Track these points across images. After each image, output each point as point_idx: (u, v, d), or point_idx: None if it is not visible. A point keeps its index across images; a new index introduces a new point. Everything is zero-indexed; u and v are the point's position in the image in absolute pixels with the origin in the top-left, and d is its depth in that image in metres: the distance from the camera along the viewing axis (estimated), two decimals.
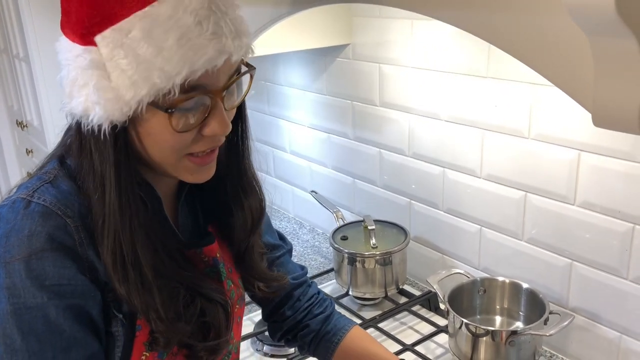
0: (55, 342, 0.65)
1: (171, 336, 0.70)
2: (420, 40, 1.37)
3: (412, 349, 1.23)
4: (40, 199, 0.66)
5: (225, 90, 0.67)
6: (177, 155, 0.68)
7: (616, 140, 1.06)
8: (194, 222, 0.83)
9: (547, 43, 0.70)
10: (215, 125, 0.67)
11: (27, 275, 0.63)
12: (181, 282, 0.72)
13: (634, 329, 1.11)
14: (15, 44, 2.56)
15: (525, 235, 1.26)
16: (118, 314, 0.70)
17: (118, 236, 0.67)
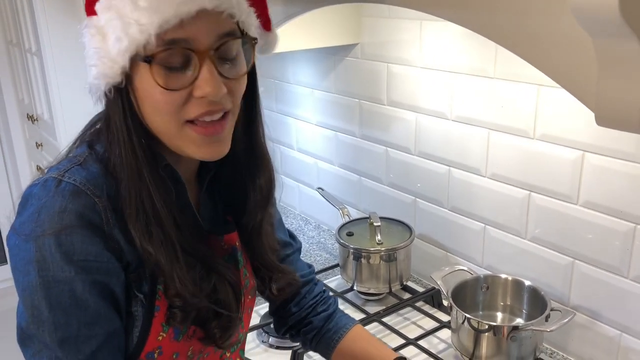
0: (80, 315, 0.68)
1: (188, 310, 0.73)
2: (429, 41, 1.39)
3: (415, 343, 1.25)
4: (70, 178, 0.69)
5: (214, 50, 0.67)
6: (175, 120, 0.69)
7: (620, 141, 1.08)
8: (214, 212, 0.86)
9: (551, 43, 0.72)
10: (204, 85, 0.67)
11: (56, 250, 0.66)
12: (198, 257, 0.75)
13: (634, 327, 1.13)
14: (28, 38, 2.59)
15: (529, 234, 1.28)
16: (139, 294, 0.73)
17: (140, 195, 0.70)
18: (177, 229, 0.72)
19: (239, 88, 0.72)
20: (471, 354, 1.16)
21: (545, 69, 0.75)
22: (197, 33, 0.66)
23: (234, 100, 0.72)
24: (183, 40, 0.66)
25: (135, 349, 0.74)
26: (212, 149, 0.72)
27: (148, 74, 0.67)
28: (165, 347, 0.75)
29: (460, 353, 1.19)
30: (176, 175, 0.75)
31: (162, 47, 0.65)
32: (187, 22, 0.65)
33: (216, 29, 0.67)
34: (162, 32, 0.64)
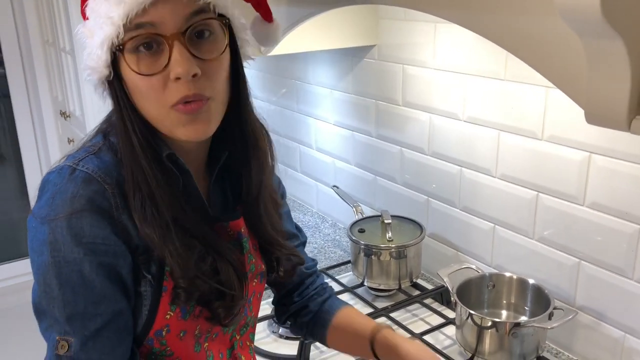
0: (87, 294, 0.73)
1: (191, 290, 0.77)
2: (443, 43, 1.42)
3: (420, 338, 1.28)
4: (84, 167, 0.74)
5: (183, 32, 0.71)
6: (161, 105, 0.73)
7: (626, 143, 1.09)
8: (224, 201, 0.90)
9: (545, 44, 0.75)
10: (175, 66, 0.70)
11: (67, 232, 0.71)
12: (200, 240, 0.79)
13: (638, 329, 1.14)
14: (63, 37, 2.69)
15: (536, 234, 1.29)
16: (147, 275, 0.77)
17: (136, 179, 0.75)
18: (175, 213, 0.76)
19: (216, 70, 0.75)
20: (474, 350, 1.18)
21: (540, 68, 0.78)
22: (162, 16, 0.70)
23: (213, 85, 0.74)
24: (148, 24, 0.70)
25: (145, 326, 0.79)
26: (197, 128, 0.75)
27: (125, 64, 0.72)
28: (172, 325, 0.80)
29: (464, 349, 1.21)
30: (180, 163, 0.79)
31: (130, 35, 0.71)
32: (150, 7, 0.70)
33: (181, 10, 0.71)
34: (129, 21, 0.70)
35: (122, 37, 0.71)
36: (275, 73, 2.14)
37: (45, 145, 3.38)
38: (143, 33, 0.71)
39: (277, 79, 2.14)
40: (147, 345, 0.80)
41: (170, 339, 0.81)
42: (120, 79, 0.75)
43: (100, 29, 0.72)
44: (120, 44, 0.71)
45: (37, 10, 3.05)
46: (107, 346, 0.74)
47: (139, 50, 0.72)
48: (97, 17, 0.72)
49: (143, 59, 0.72)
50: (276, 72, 2.13)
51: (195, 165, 0.84)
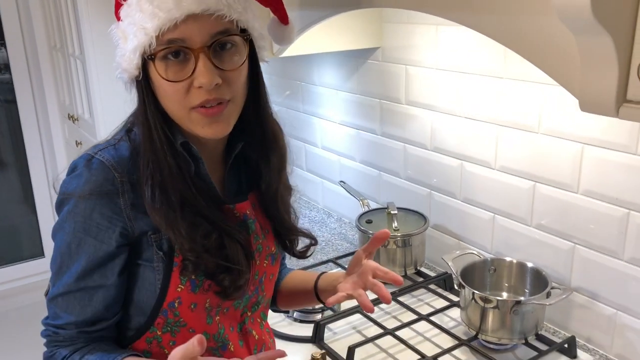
0: (70, 265, 0.87)
1: (197, 263, 0.86)
2: (444, 44, 1.52)
3: (427, 318, 1.37)
4: (101, 156, 0.86)
5: (208, 46, 0.81)
6: (183, 107, 0.83)
7: (616, 134, 1.18)
8: (238, 187, 0.99)
9: (543, 42, 0.84)
10: (200, 77, 0.80)
11: (72, 210, 0.85)
12: (207, 219, 0.87)
13: (628, 305, 1.23)
14: (72, 43, 2.77)
15: (534, 221, 1.39)
16: (159, 252, 0.87)
17: (149, 165, 0.85)
18: (184, 195, 0.86)
19: (236, 78, 0.84)
20: (478, 328, 1.27)
21: (538, 63, 0.87)
22: (190, 33, 0.80)
23: (233, 89, 0.84)
24: (179, 40, 0.80)
25: (159, 298, 0.89)
26: (214, 129, 0.85)
27: (155, 70, 0.82)
28: (183, 297, 0.89)
29: (468, 327, 1.30)
30: (193, 151, 0.89)
31: (161, 47, 0.80)
32: (181, 24, 0.79)
33: (208, 28, 0.81)
34: (161, 34, 0.79)
35: (154, 47, 0.81)
36: (282, 75, 2.23)
37: (51, 149, 3.44)
38: (173, 45, 0.81)
39: (283, 81, 2.23)
40: (162, 317, 0.90)
41: (183, 311, 0.89)
42: (147, 79, 0.85)
43: (134, 36, 0.81)
44: (152, 53, 0.81)
45: (44, 16, 3.13)
46: (68, 306, 0.88)
47: (168, 58, 0.82)
48: (131, 23, 0.82)
49: (171, 66, 0.82)
50: (282, 75, 2.22)
51: (213, 154, 0.94)
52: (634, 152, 1.16)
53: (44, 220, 3.69)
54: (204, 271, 0.88)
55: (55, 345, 0.89)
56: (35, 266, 3.76)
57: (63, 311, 0.88)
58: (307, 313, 1.42)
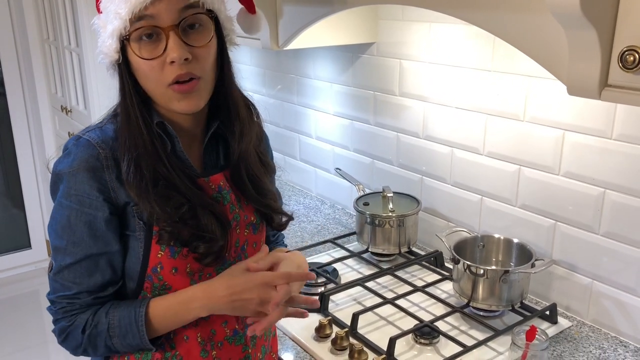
0: (69, 236, 0.95)
1: (172, 232, 0.95)
2: (436, 40, 1.65)
3: (422, 290, 1.49)
4: (88, 136, 0.96)
5: (177, 24, 0.89)
6: (159, 84, 0.92)
7: (592, 120, 1.33)
8: (216, 164, 1.07)
9: (536, 35, 0.97)
10: (171, 52, 0.89)
11: (65, 185, 0.94)
12: (178, 190, 0.96)
13: (603, 275, 1.37)
14: (67, 35, 2.82)
15: (519, 201, 1.53)
16: (140, 222, 0.96)
17: (126, 142, 0.94)
18: (158, 170, 0.94)
19: (204, 54, 0.93)
20: (470, 297, 1.40)
21: (531, 54, 1.00)
22: (159, 12, 0.89)
23: (202, 65, 0.93)
24: (149, 17, 0.89)
25: (142, 264, 0.98)
26: (189, 103, 0.94)
27: (131, 50, 0.91)
28: (164, 262, 0.97)
29: (460, 296, 1.43)
30: (169, 130, 0.98)
31: (134, 28, 0.90)
32: (149, 6, 0.89)
33: (175, 6, 0.90)
34: (133, 17, 0.89)
35: (129, 29, 0.91)
36: (276, 69, 2.34)
37: (40, 140, 3.48)
38: (145, 25, 0.89)
39: (278, 75, 2.33)
40: (148, 281, 0.99)
41: (165, 275, 0.98)
42: (127, 62, 0.95)
43: (110, 22, 0.91)
44: (127, 35, 0.91)
45: (36, 10, 3.17)
46: (77, 276, 0.96)
47: (142, 39, 0.91)
48: (108, 12, 0.92)
49: (145, 46, 0.91)
50: (277, 69, 2.33)
51: (190, 133, 1.03)
52: (609, 136, 1.30)
53: (32, 212, 3.72)
54: (179, 239, 0.96)
55: (70, 314, 0.97)
56: (22, 257, 3.79)
57: (72, 282, 0.96)
58: (311, 286, 1.54)
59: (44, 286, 3.70)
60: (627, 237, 1.31)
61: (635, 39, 0.85)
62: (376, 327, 1.39)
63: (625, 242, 1.32)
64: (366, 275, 1.58)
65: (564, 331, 1.38)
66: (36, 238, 3.79)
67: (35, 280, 3.70)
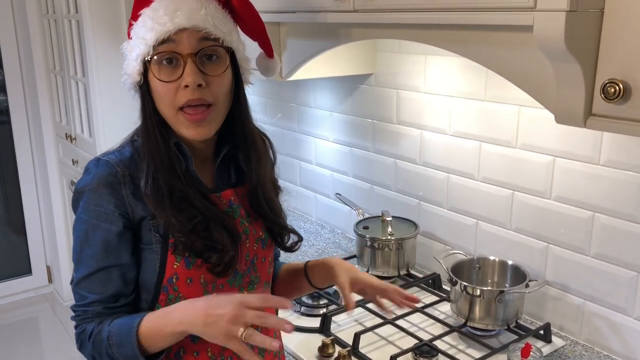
0: (86, 249, 1.03)
1: (185, 242, 1.01)
2: (432, 71, 1.73)
3: (421, 310, 1.54)
4: (107, 157, 1.04)
5: (195, 54, 0.98)
6: (171, 107, 1.00)
7: (581, 147, 1.40)
8: (227, 182, 1.15)
9: (525, 68, 1.05)
10: (186, 77, 0.97)
11: (85, 201, 1.02)
12: (194, 206, 1.02)
13: (594, 295, 1.43)
14: (74, 66, 2.91)
15: (513, 225, 1.59)
16: (157, 234, 1.03)
17: (147, 160, 1.02)
18: (173, 186, 1.01)
19: (218, 83, 1.01)
20: (467, 317, 1.45)
21: (521, 85, 1.07)
22: (181, 41, 0.98)
23: (214, 93, 1.00)
24: (171, 42, 0.98)
25: (159, 275, 1.04)
26: (198, 131, 1.02)
27: (152, 73, 1.00)
28: (180, 273, 1.03)
29: (458, 316, 1.48)
30: (184, 150, 1.05)
31: (157, 52, 0.99)
32: (173, 36, 0.98)
33: (196, 36, 0.99)
34: (157, 43, 0.98)
35: (152, 53, 1.00)
36: (277, 99, 2.42)
37: (43, 168, 3.53)
38: (166, 50, 0.99)
39: (278, 104, 2.41)
40: (164, 293, 1.04)
41: (180, 286, 1.04)
42: (147, 84, 1.03)
43: (137, 46, 1.02)
44: (150, 58, 1.00)
45: (43, 40, 3.26)
46: (91, 287, 1.03)
47: (162, 63, 1.00)
48: (136, 38, 1.02)
49: (164, 69, 1.00)
50: (278, 98, 2.41)
51: (204, 153, 1.11)
52: (597, 162, 1.38)
53: (33, 238, 3.75)
54: (192, 250, 1.02)
55: (84, 322, 1.03)
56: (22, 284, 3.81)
57: (88, 292, 1.03)
58: (313, 307, 1.59)
59: (44, 313, 3.72)
60: (616, 258, 1.37)
61: (616, 73, 0.92)
62: (377, 347, 1.43)
63: (615, 263, 1.38)
64: None
65: (558, 350, 1.43)
66: (37, 264, 3.81)
67: (35, 307, 3.71)
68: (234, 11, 1.08)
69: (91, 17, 2.59)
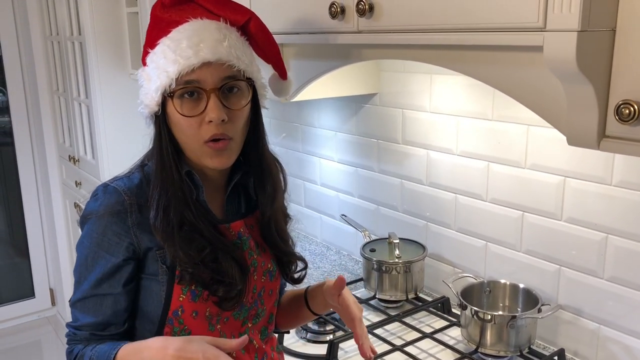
0: (83, 274, 1.03)
1: (193, 273, 0.99)
2: (437, 90, 1.71)
3: (430, 336, 1.50)
4: (115, 184, 1.03)
5: (219, 88, 0.97)
6: (196, 140, 0.99)
7: (592, 167, 1.36)
8: (237, 211, 1.13)
9: (536, 88, 1.02)
10: (210, 112, 0.96)
11: (89, 227, 1.02)
12: (203, 236, 1.00)
13: (610, 320, 1.39)
14: (77, 88, 2.90)
15: (523, 247, 1.55)
16: (163, 265, 1.01)
17: (158, 189, 1.00)
18: (183, 215, 1.00)
19: (240, 117, 1.01)
20: (478, 343, 1.41)
21: (532, 107, 1.04)
22: (204, 76, 0.96)
23: (236, 127, 1.00)
24: (195, 81, 0.96)
25: (164, 307, 1.02)
26: (220, 160, 1.01)
27: (172, 106, 0.98)
28: (185, 306, 1.01)
29: (468, 342, 1.43)
30: (196, 180, 1.04)
31: (180, 87, 0.97)
32: (197, 70, 0.96)
33: (219, 73, 0.98)
34: (180, 77, 0.96)
35: (173, 87, 0.98)
36: (281, 118, 2.40)
37: (47, 188, 3.52)
38: (190, 87, 0.97)
39: (283, 124, 2.39)
40: (169, 325, 1.02)
41: (186, 318, 1.02)
42: (164, 115, 1.01)
43: (157, 77, 0.99)
44: (171, 92, 0.98)
45: (46, 62, 3.27)
46: (83, 311, 1.03)
47: (184, 97, 0.98)
48: (155, 67, 0.99)
49: (186, 103, 0.99)
50: (282, 118, 2.39)
51: (215, 183, 1.09)
52: (609, 183, 1.34)
53: (36, 261, 3.73)
54: (199, 281, 1.01)
55: (73, 342, 1.04)
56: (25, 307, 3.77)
57: (80, 314, 1.03)
58: (319, 334, 1.55)
59: (47, 336, 3.68)
60: (631, 281, 1.33)
61: (630, 94, 0.89)
62: None
63: (630, 287, 1.33)
64: (374, 322, 1.59)
65: None
66: (40, 287, 3.78)
67: (38, 330, 3.68)
68: (250, 37, 1.06)
69: (94, 40, 2.59)
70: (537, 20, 0.93)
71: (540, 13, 0.92)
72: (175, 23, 1.00)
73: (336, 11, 1.30)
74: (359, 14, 1.24)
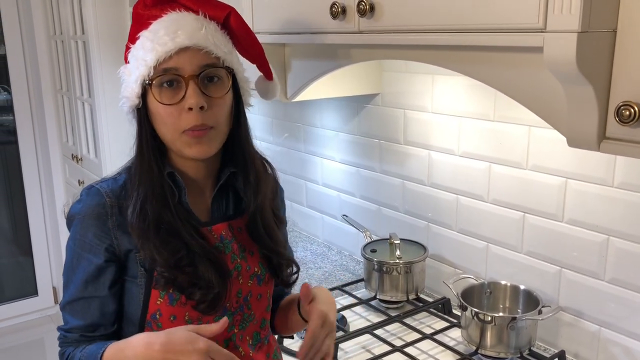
0: (70, 276, 1.03)
1: (168, 277, 0.97)
2: (439, 91, 1.70)
3: (431, 337, 1.50)
4: (99, 185, 1.02)
5: (197, 75, 0.96)
6: (175, 130, 0.97)
7: (593, 168, 1.36)
8: (224, 214, 1.10)
9: (536, 90, 1.02)
10: (189, 98, 0.95)
11: (73, 229, 1.02)
12: (178, 237, 0.98)
13: (610, 321, 1.38)
14: (80, 86, 2.91)
15: (524, 248, 1.55)
16: (142, 268, 1.00)
17: (136, 190, 0.99)
18: (162, 217, 0.98)
19: (220, 106, 0.99)
20: (478, 344, 1.41)
21: (532, 108, 1.04)
22: (183, 63, 0.96)
23: (216, 116, 0.98)
24: (173, 68, 0.95)
25: (142, 310, 1.01)
26: (200, 149, 0.99)
27: (152, 96, 0.97)
28: (163, 310, 1.00)
29: (469, 343, 1.43)
30: (178, 181, 1.02)
31: (158, 74, 0.96)
32: (174, 56, 0.95)
33: (198, 61, 0.97)
34: (158, 64, 0.95)
35: (152, 75, 0.97)
36: (283, 119, 2.40)
37: (50, 187, 3.53)
38: (169, 74, 0.96)
39: (284, 124, 2.39)
40: (148, 328, 1.01)
41: (164, 322, 1.00)
42: (146, 108, 1.01)
43: (136, 69, 0.99)
44: (150, 80, 0.98)
45: (50, 62, 3.28)
46: (72, 314, 1.03)
47: (163, 85, 0.98)
48: (135, 60, 0.99)
49: (165, 92, 0.98)
50: (283, 118, 2.39)
51: (200, 184, 1.07)
52: (611, 184, 1.33)
53: (39, 259, 3.74)
54: (175, 285, 0.98)
55: (64, 345, 1.05)
56: (28, 305, 3.79)
57: (69, 317, 1.04)
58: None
59: (50, 334, 3.68)
60: (632, 283, 1.32)
61: (630, 95, 0.89)
62: None
63: (631, 289, 1.33)
64: (375, 323, 1.58)
65: None
66: (43, 285, 3.79)
67: (41, 328, 3.69)
68: (232, 33, 1.05)
69: (97, 39, 2.60)
70: (537, 21, 0.92)
71: (540, 14, 0.92)
72: (155, 17, 1.00)
73: (337, 11, 1.30)
74: (359, 14, 1.24)
